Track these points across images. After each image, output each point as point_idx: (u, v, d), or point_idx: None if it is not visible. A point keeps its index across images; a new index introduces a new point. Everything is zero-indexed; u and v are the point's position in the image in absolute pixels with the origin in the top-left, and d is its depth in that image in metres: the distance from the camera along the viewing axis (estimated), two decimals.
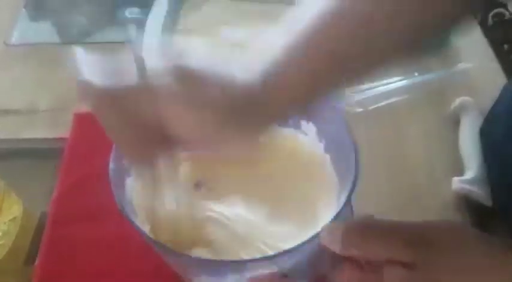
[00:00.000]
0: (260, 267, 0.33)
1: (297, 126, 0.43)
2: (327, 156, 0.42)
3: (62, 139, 0.56)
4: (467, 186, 0.52)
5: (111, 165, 0.36)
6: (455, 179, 0.54)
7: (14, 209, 0.48)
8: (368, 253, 0.30)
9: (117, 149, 0.36)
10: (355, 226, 0.30)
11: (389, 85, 0.62)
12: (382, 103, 0.61)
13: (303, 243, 0.31)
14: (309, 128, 0.43)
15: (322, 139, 0.42)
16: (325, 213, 0.37)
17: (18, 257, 0.48)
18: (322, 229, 0.31)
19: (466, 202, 0.53)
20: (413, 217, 0.52)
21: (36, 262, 0.47)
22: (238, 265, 0.34)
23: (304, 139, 0.44)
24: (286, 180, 0.43)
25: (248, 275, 0.34)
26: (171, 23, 0.70)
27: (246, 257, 0.37)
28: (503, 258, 0.30)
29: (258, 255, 0.36)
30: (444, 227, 0.31)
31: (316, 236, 0.32)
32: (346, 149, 0.37)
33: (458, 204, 0.53)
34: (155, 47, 0.32)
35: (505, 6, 1.04)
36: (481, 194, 0.52)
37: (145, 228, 0.37)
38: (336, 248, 0.30)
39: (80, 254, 0.47)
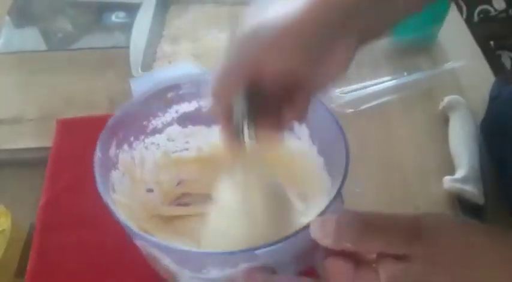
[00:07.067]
0: (242, 260, 0.32)
1: (290, 129, 0.43)
2: (321, 160, 0.42)
3: (49, 148, 0.55)
4: (459, 185, 0.52)
5: (98, 154, 0.35)
6: (447, 178, 0.54)
7: (2, 221, 0.47)
8: (361, 246, 0.29)
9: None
10: (347, 218, 0.29)
11: (378, 85, 0.62)
12: (372, 103, 0.61)
13: (288, 237, 0.31)
14: (302, 131, 0.43)
15: (316, 142, 0.42)
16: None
17: (8, 269, 0.48)
18: (313, 222, 0.30)
19: (458, 201, 0.53)
20: None
21: (26, 272, 0.46)
22: (220, 257, 0.33)
23: (297, 142, 0.43)
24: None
25: (229, 270, 0.33)
26: (158, 27, 0.70)
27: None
28: (503, 252, 0.29)
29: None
30: (440, 219, 0.30)
31: (303, 229, 0.30)
32: (338, 151, 0.36)
33: (450, 203, 0.53)
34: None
35: (490, 2, 1.04)
36: (473, 192, 0.52)
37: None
38: (327, 241, 0.29)
39: (69, 262, 0.47)
